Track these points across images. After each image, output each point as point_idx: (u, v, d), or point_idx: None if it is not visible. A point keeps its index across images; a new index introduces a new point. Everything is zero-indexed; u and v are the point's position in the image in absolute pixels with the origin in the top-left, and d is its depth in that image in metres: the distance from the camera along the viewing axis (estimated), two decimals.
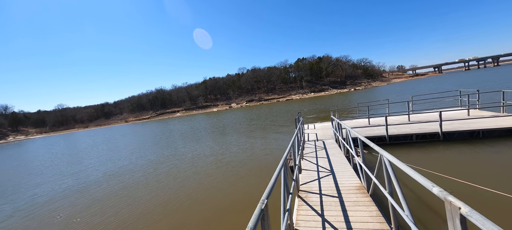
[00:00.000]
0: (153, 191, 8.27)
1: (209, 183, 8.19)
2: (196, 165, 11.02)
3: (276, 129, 19.29)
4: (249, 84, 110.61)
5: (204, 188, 7.73)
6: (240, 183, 7.75)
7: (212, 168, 10.02)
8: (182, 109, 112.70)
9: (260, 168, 8.91)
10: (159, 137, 27.61)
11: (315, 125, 13.04)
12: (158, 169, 11.41)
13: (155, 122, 77.67)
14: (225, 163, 10.59)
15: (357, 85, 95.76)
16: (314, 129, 11.83)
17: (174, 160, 12.90)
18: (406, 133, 8.54)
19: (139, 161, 14.26)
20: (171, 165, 11.94)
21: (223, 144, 15.74)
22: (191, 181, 8.72)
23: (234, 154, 12.09)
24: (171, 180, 9.29)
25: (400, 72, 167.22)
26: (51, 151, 30.17)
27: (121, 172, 12.03)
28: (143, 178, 10.18)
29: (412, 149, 8.06)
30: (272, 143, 13.60)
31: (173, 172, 10.47)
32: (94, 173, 12.77)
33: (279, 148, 11.73)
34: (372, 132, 9.29)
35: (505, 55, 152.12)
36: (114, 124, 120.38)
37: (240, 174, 8.66)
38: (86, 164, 15.91)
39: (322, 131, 10.83)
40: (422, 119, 10.22)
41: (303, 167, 5.90)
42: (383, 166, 3.08)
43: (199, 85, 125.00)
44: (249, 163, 9.83)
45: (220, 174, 8.96)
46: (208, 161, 11.59)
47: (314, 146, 8.28)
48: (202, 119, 53.66)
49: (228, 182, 7.94)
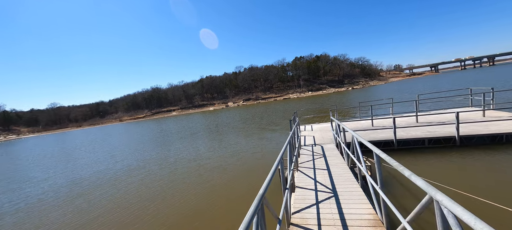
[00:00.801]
0: (118, 205, 7.02)
1: (182, 200, 6.94)
2: (175, 172, 9.79)
3: (271, 127, 18.14)
4: (246, 83, 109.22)
5: (175, 206, 6.48)
6: (218, 204, 6.49)
7: (192, 177, 8.80)
8: (178, 108, 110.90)
9: (248, 182, 7.70)
10: (147, 138, 26.23)
11: (313, 126, 11.88)
12: (132, 176, 10.17)
13: (149, 121, 75.96)
14: (208, 169, 9.41)
15: (355, 84, 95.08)
16: (312, 130, 10.66)
17: (154, 165, 11.65)
18: (417, 137, 7.41)
19: (116, 165, 13.02)
20: (149, 171, 10.72)
21: (211, 146, 14.53)
22: (162, 195, 7.47)
23: (220, 159, 10.89)
24: (142, 191, 8.05)
25: (397, 72, 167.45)
26: (32, 152, 28.58)
27: (91, 180, 10.73)
28: (113, 188, 8.91)
29: (424, 156, 6.93)
30: (264, 144, 12.43)
31: (147, 181, 9.22)
32: (60, 181, 11.44)
33: (271, 151, 10.56)
34: (376, 135, 8.15)
35: (500, 54, 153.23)
36: (108, 123, 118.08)
37: (221, 188, 7.43)
38: (59, 169, 14.51)
39: (321, 134, 9.66)
40: (431, 121, 9.13)
41: (297, 183, 4.72)
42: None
43: (195, 84, 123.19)
44: (234, 172, 8.62)
45: (197, 187, 7.72)
46: (190, 166, 10.38)
47: (311, 152, 7.11)
48: (197, 118, 52.27)
49: (200, 205, 6.69)
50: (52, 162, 18.28)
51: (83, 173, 12.42)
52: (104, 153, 19.61)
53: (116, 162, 14.13)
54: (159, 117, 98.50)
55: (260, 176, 7.52)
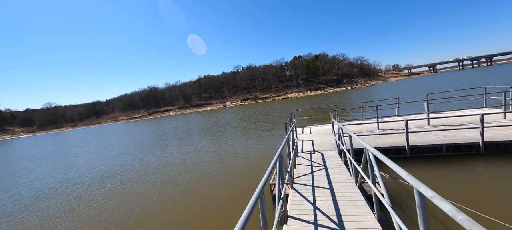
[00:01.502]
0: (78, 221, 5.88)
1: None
2: (153, 182, 8.66)
3: (266, 126, 17.04)
4: (244, 82, 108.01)
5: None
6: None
7: (169, 189, 7.68)
8: (175, 108, 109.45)
9: (232, 197, 6.59)
10: (137, 139, 25.03)
11: (312, 128, 10.79)
12: (104, 185, 9.01)
13: (146, 121, 74.56)
14: (188, 178, 8.32)
15: (353, 84, 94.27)
16: (310, 133, 9.57)
17: (131, 173, 10.53)
18: (433, 144, 6.33)
19: (90, 172, 11.89)
20: (124, 179, 9.61)
21: (199, 149, 13.41)
22: (127, 214, 6.34)
23: (205, 165, 9.79)
24: (110, 206, 6.91)
25: (396, 71, 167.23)
26: (14, 155, 27.23)
27: (60, 188, 9.57)
28: (75, 202, 7.75)
29: (443, 167, 5.86)
30: (258, 148, 11.33)
31: (117, 193, 8.08)
32: (26, 190, 10.26)
33: (264, 157, 9.45)
34: (385, 140, 7.07)
35: (498, 54, 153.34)
36: (104, 123, 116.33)
37: (198, 208, 6.31)
38: (29, 177, 13.26)
39: (320, 138, 8.57)
40: (445, 124, 8.07)
41: (291, 208, 3.61)
42: None
43: (193, 83, 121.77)
44: (220, 184, 7.51)
45: (171, 204, 6.59)
46: (171, 174, 9.27)
47: (309, 161, 6.03)
48: (193, 118, 51.05)
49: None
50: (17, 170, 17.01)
51: (45, 183, 11.22)
52: (83, 157, 18.39)
53: (89, 170, 12.95)
54: (155, 117, 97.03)
55: (246, 199, 6.41)
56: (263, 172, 2.80)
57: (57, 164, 16.46)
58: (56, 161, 18.12)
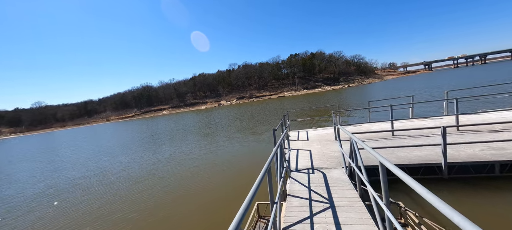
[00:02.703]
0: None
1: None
2: (99, 204, 6.67)
3: (259, 129, 15.13)
4: (240, 80, 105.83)
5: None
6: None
7: (134, 208, 5.71)
8: (168, 107, 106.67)
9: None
10: (120, 140, 22.84)
11: (309, 132, 8.90)
12: (57, 199, 6.98)
13: (137, 121, 71.90)
14: (146, 199, 6.35)
15: (350, 82, 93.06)
16: (307, 140, 7.67)
17: (100, 186, 8.52)
18: (481, 160, 4.48)
19: (53, 181, 9.75)
20: (67, 200, 7.58)
21: (182, 156, 11.43)
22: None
23: (174, 180, 7.84)
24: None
25: (391, 70, 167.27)
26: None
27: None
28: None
29: (498, 194, 4.03)
30: (246, 153, 9.43)
31: (72, 210, 6.08)
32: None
33: (253, 165, 7.57)
34: (408, 154, 5.20)
35: (492, 53, 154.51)
36: (94, 123, 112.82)
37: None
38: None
39: (320, 147, 6.67)
40: (481, 130, 6.26)
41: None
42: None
43: (187, 81, 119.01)
44: (182, 212, 5.57)
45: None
46: (124, 192, 7.30)
47: (307, 187, 4.12)
48: (184, 118, 48.79)
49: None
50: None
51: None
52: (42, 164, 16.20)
53: (38, 182, 10.83)
54: (148, 116, 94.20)
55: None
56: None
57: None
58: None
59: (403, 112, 11.35)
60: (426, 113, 11.55)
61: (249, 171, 7.57)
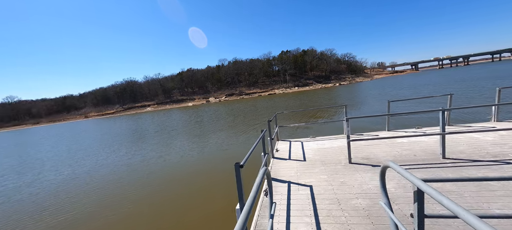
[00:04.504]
0: None
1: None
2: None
3: (243, 129, 12.44)
4: (230, 77, 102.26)
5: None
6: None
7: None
8: (154, 104, 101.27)
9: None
10: (87, 140, 19.32)
11: (306, 144, 6.25)
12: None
13: (119, 118, 66.91)
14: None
15: (341, 80, 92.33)
16: (304, 160, 4.98)
17: (35, 204, 5.51)
18: None
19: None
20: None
21: (132, 163, 8.50)
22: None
23: (119, 203, 4.98)
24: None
25: (380, 69, 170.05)
26: None
27: None
28: None
29: None
30: (224, 158, 6.71)
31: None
32: None
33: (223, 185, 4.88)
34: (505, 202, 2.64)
35: (474, 55, 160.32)
36: (72, 119, 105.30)
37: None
38: None
39: (327, 176, 3.95)
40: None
41: None
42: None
43: (174, 77, 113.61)
44: None
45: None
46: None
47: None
48: (167, 115, 45.10)
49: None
50: None
51: None
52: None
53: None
54: (131, 113, 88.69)
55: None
56: None
57: None
58: None
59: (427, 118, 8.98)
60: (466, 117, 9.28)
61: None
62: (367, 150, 4.96)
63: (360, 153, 4.86)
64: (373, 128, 7.53)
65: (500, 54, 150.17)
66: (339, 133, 7.05)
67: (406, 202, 2.84)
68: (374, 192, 3.19)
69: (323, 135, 7.04)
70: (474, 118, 8.95)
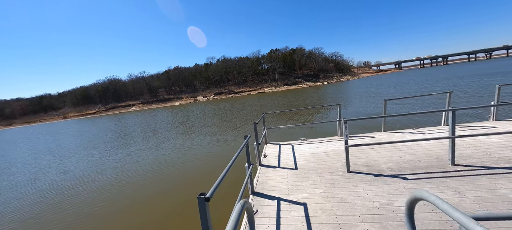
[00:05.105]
0: None
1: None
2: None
3: (223, 134, 11.66)
4: (218, 75, 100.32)
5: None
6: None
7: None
8: (139, 103, 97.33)
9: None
10: (47, 145, 17.61)
11: (297, 148, 5.63)
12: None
13: (100, 118, 63.37)
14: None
15: (329, 79, 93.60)
16: (295, 168, 4.35)
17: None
18: None
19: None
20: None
21: (107, 171, 7.49)
22: None
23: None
24: None
25: (366, 68, 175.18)
26: None
27: None
28: None
29: None
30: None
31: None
32: None
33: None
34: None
35: (452, 55, 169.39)
36: (49, 120, 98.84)
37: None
38: None
39: (324, 191, 3.35)
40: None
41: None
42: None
43: (160, 75, 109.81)
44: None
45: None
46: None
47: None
48: (152, 116, 43.16)
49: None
50: None
51: None
52: None
53: None
54: (114, 113, 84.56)
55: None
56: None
57: None
58: None
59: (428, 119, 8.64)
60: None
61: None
62: (365, 155, 4.41)
63: (358, 158, 4.30)
64: (367, 127, 7.08)
65: (475, 55, 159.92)
66: (332, 134, 6.51)
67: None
68: (382, 212, 2.59)
69: (316, 136, 6.47)
70: (470, 118, 8.82)
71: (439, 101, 13.40)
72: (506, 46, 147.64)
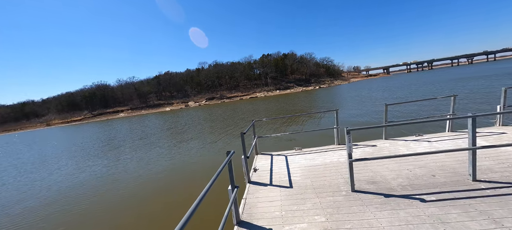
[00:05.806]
0: None
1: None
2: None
3: (211, 144, 10.89)
4: (210, 80, 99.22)
5: None
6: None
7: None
8: (127, 109, 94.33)
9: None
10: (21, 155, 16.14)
11: (290, 158, 5.02)
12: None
13: (86, 125, 60.58)
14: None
15: (321, 83, 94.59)
16: (290, 187, 3.73)
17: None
18: None
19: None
20: None
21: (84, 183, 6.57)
22: None
23: None
24: None
25: (356, 73, 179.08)
26: None
27: None
28: None
29: None
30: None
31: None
32: None
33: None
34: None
35: (437, 60, 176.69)
36: (31, 128, 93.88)
37: None
38: None
39: (322, 211, 2.78)
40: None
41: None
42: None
43: (150, 80, 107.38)
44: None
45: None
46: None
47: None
48: (140, 122, 41.55)
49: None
50: None
51: None
52: None
53: None
54: (101, 119, 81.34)
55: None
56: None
57: None
58: None
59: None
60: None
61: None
62: (369, 168, 3.84)
63: (361, 172, 3.72)
64: (366, 134, 6.58)
65: (458, 60, 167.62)
66: (329, 142, 5.94)
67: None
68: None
69: (311, 145, 5.88)
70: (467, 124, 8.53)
71: (441, 106, 13.26)
72: (486, 51, 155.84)
